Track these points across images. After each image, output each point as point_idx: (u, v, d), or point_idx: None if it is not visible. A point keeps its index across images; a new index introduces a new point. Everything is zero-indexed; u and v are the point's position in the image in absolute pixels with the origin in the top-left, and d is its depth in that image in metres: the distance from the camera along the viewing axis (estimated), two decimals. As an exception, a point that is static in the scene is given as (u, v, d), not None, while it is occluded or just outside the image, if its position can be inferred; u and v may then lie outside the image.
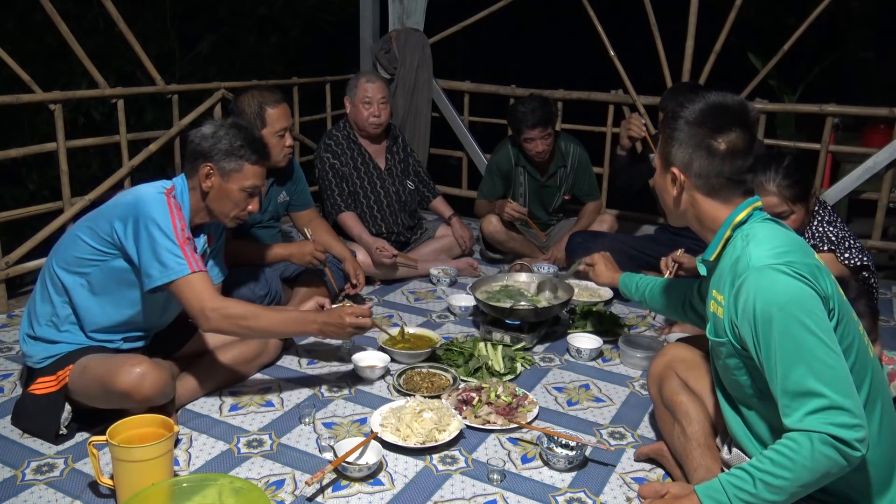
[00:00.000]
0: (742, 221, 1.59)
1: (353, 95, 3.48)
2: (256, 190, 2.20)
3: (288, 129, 2.86)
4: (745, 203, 1.61)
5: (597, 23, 4.26)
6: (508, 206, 3.62)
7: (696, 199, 1.64)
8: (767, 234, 1.54)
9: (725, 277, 1.58)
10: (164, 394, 1.99)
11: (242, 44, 6.51)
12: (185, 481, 1.62)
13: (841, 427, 1.35)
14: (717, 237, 1.63)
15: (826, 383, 1.37)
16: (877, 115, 4.03)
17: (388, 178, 3.59)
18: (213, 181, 2.12)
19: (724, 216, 1.61)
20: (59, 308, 2.08)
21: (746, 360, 1.55)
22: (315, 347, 2.74)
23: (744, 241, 1.55)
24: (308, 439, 2.10)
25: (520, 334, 2.75)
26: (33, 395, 2.05)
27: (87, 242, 2.03)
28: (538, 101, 3.53)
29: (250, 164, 2.15)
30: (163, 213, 1.98)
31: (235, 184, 2.14)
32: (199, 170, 2.12)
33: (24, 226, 3.68)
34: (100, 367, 1.97)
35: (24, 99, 3.06)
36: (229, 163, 2.11)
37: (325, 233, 3.14)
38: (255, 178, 2.17)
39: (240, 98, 2.84)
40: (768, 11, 6.48)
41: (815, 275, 1.47)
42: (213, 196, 2.15)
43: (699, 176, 1.61)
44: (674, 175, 1.64)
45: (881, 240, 3.89)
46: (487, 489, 1.88)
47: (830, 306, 1.47)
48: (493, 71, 5.77)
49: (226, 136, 2.12)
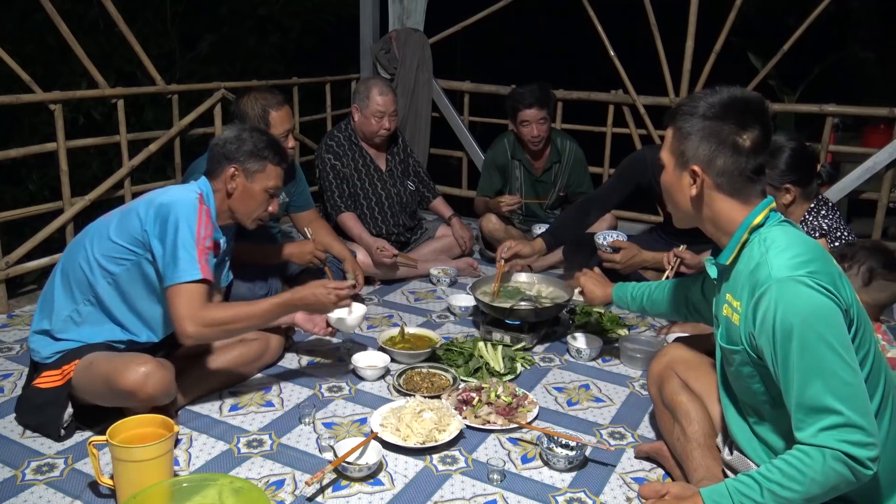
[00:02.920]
0: (759, 224, 1.54)
1: (363, 106, 3.44)
2: (278, 191, 2.30)
3: (290, 131, 2.87)
4: (762, 205, 1.56)
5: (597, 23, 4.26)
6: (501, 202, 3.64)
7: (715, 199, 1.57)
8: (788, 241, 1.48)
9: (743, 283, 1.53)
10: (167, 394, 2.00)
11: (242, 44, 6.51)
12: (185, 481, 1.62)
13: (855, 445, 1.34)
14: (734, 240, 1.57)
15: (843, 400, 1.35)
16: (877, 115, 4.04)
17: (389, 180, 3.59)
18: (238, 182, 2.20)
19: (741, 218, 1.55)
20: (80, 305, 2.08)
21: (761, 368, 1.52)
22: (315, 347, 2.74)
23: (762, 245, 1.50)
24: (308, 439, 2.10)
25: (520, 334, 2.75)
26: (37, 389, 2.04)
27: (115, 242, 2.05)
28: (536, 84, 3.58)
29: (273, 165, 2.24)
30: (193, 218, 2.04)
31: (259, 184, 2.22)
32: (224, 171, 2.19)
33: (24, 226, 3.68)
34: (105, 365, 1.97)
35: (24, 99, 3.06)
36: (253, 164, 2.20)
37: (325, 233, 3.14)
38: (277, 179, 2.26)
39: (241, 100, 2.84)
40: (768, 11, 6.48)
41: (836, 285, 1.43)
42: (237, 197, 2.22)
43: (722, 174, 1.54)
44: (693, 174, 1.57)
45: (881, 239, 3.89)
46: (487, 489, 1.88)
47: (851, 316, 1.44)
48: (493, 71, 5.76)
49: (250, 138, 2.22)
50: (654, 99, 4.27)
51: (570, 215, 3.20)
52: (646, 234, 3.58)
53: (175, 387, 2.07)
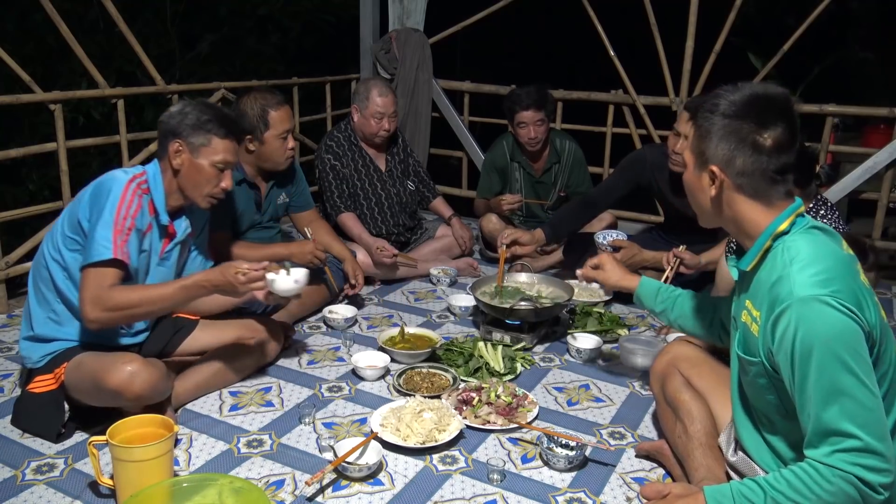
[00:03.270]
0: (784, 231, 1.47)
1: (363, 107, 3.44)
2: (229, 166, 2.17)
3: (290, 131, 2.86)
4: (789, 210, 1.47)
5: (597, 23, 4.26)
6: (501, 201, 3.64)
7: (736, 201, 1.50)
8: (813, 253, 1.41)
9: (764, 294, 1.47)
10: (156, 392, 1.99)
11: (242, 44, 6.52)
12: (185, 481, 1.62)
13: (869, 470, 1.31)
14: (757, 246, 1.50)
15: (860, 425, 1.32)
16: (877, 115, 4.04)
17: (389, 180, 3.59)
18: (182, 158, 2.11)
19: (766, 223, 1.48)
20: (53, 304, 2.08)
21: (777, 382, 1.48)
22: (315, 347, 2.74)
23: (785, 255, 1.43)
24: (308, 439, 2.10)
25: (520, 334, 2.75)
26: (32, 394, 2.05)
27: (67, 234, 2.03)
28: (534, 86, 3.58)
29: (219, 139, 2.13)
30: (115, 196, 1.98)
31: (205, 159, 2.12)
32: (168, 147, 2.11)
33: (24, 226, 3.68)
34: (93, 365, 1.97)
35: (24, 99, 3.06)
36: (197, 137, 2.10)
37: (325, 233, 3.14)
38: (225, 153, 2.15)
39: (241, 100, 2.83)
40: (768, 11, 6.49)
41: (860, 304, 1.38)
42: (184, 174, 2.12)
43: (742, 175, 1.47)
44: (712, 174, 1.51)
45: (881, 240, 3.89)
46: (487, 489, 1.88)
47: (874, 338, 1.39)
48: (493, 71, 5.77)
49: (193, 111, 2.12)
50: (654, 99, 4.27)
51: (569, 210, 3.25)
52: (645, 233, 3.58)
53: (166, 385, 2.05)
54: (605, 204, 3.23)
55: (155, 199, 2.11)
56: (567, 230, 3.21)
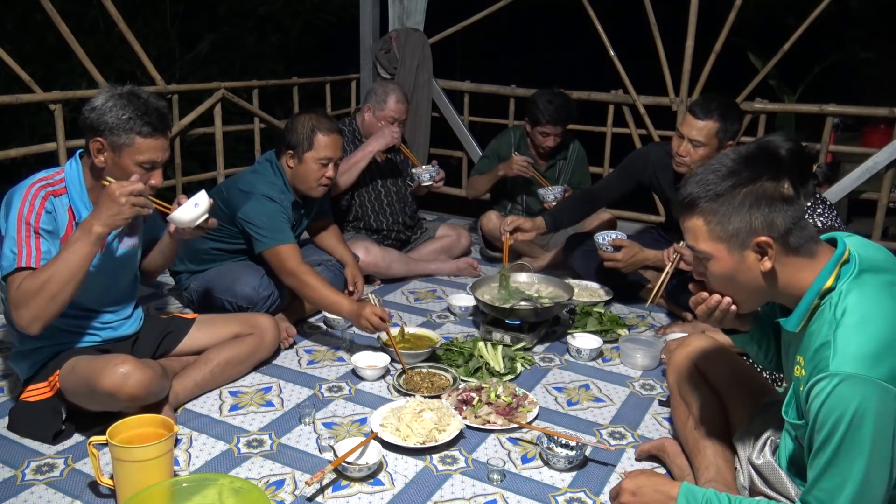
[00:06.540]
0: (831, 288, 1.36)
1: (377, 108, 3.42)
2: (156, 164, 2.01)
3: (333, 161, 2.76)
4: (832, 262, 1.37)
5: (597, 23, 4.26)
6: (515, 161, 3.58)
7: (786, 265, 1.39)
8: (863, 311, 1.30)
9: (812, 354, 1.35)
10: (150, 393, 1.97)
11: (242, 44, 6.53)
12: (185, 481, 1.62)
13: None
14: (803, 306, 1.39)
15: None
16: (877, 115, 4.04)
17: (390, 178, 3.59)
18: (105, 156, 1.96)
19: (811, 279, 1.38)
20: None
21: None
22: (315, 347, 2.74)
23: (833, 314, 1.32)
24: (308, 439, 2.10)
25: (520, 334, 2.75)
26: (27, 403, 2.04)
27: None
28: (562, 100, 3.58)
29: (142, 138, 1.94)
30: (16, 204, 1.91)
31: (128, 158, 1.95)
32: (90, 145, 1.97)
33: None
34: (86, 368, 1.96)
35: (24, 99, 3.07)
36: (119, 137, 1.93)
37: (331, 237, 3.14)
38: (150, 152, 1.97)
39: (297, 116, 2.78)
40: (768, 11, 6.49)
41: None
42: (108, 173, 1.97)
43: (788, 233, 1.36)
44: (759, 247, 1.37)
45: (881, 240, 3.89)
46: (487, 489, 1.88)
47: None
48: (493, 71, 5.77)
49: (113, 107, 1.93)
50: (654, 99, 4.27)
51: (571, 202, 3.31)
52: (644, 233, 3.58)
53: (161, 386, 2.04)
54: (606, 198, 3.26)
55: (73, 199, 2.00)
56: (567, 221, 3.27)
